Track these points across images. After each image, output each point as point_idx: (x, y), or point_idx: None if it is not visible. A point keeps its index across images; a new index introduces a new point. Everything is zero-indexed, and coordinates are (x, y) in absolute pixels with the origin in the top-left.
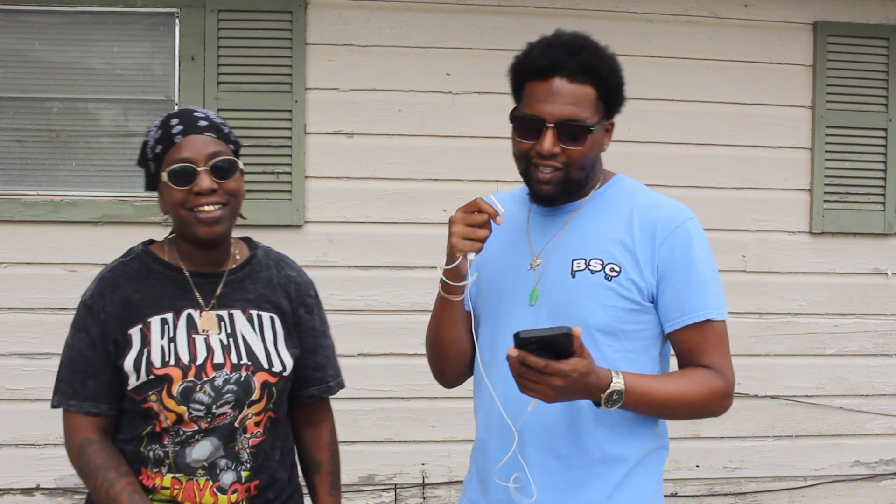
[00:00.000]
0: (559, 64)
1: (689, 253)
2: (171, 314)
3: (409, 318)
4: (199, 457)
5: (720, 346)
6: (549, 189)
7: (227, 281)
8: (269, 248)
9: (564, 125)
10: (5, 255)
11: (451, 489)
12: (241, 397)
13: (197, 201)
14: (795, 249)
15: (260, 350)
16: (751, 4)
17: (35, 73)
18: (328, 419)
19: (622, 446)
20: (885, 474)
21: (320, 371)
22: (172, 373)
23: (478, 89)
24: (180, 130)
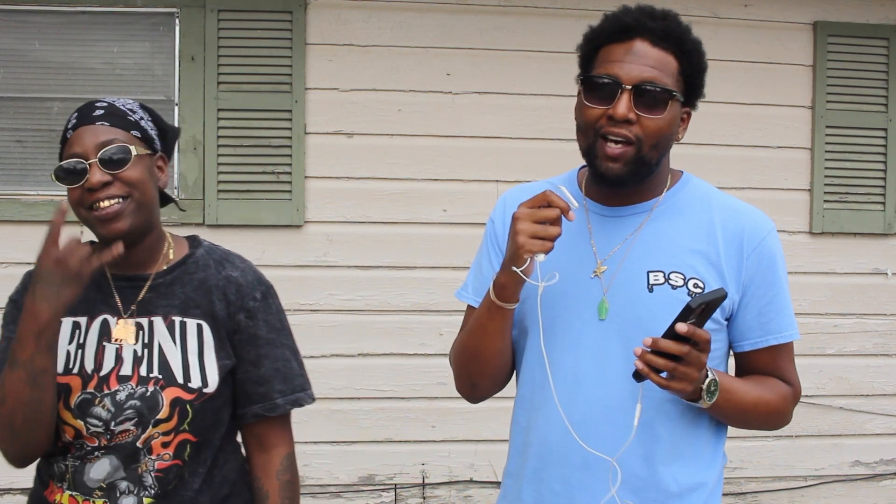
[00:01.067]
0: (642, 24)
1: (775, 268)
2: (86, 318)
3: (409, 318)
4: (97, 476)
5: (792, 361)
6: (618, 168)
7: (152, 285)
8: (216, 246)
9: (643, 89)
10: (5, 255)
11: (451, 489)
12: (145, 414)
13: (91, 198)
14: (795, 249)
15: (177, 362)
16: (751, 4)
17: (35, 73)
18: (281, 443)
19: (699, 474)
20: (885, 474)
21: (264, 385)
22: (72, 382)
23: (478, 89)
24: (74, 124)
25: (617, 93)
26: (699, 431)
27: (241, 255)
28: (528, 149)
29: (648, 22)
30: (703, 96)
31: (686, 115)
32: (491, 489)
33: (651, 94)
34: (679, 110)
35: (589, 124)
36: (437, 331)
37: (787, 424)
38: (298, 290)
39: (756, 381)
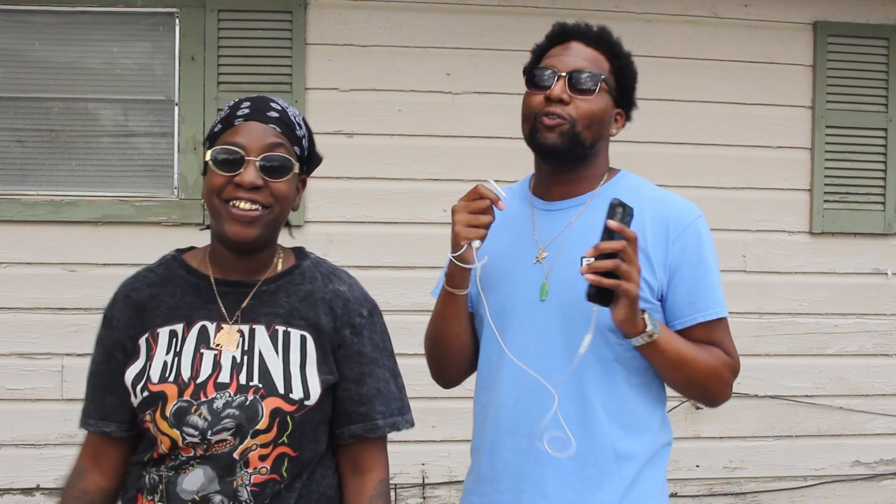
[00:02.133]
0: (577, 30)
1: (700, 251)
2: (183, 325)
3: (409, 318)
4: (190, 487)
5: (729, 336)
6: (553, 138)
7: (257, 292)
8: (323, 259)
9: (575, 74)
10: (5, 255)
11: (451, 489)
12: (244, 424)
13: (235, 193)
14: (795, 249)
15: (278, 372)
16: (751, 4)
17: (35, 73)
18: (377, 467)
19: (634, 443)
20: (885, 474)
21: (365, 405)
22: (168, 390)
23: (478, 89)
24: (245, 114)
25: (554, 80)
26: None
27: (347, 271)
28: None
29: (582, 28)
30: (635, 106)
31: (619, 115)
32: None
33: (582, 78)
34: (611, 104)
35: (531, 109)
36: None
37: (726, 397)
38: None
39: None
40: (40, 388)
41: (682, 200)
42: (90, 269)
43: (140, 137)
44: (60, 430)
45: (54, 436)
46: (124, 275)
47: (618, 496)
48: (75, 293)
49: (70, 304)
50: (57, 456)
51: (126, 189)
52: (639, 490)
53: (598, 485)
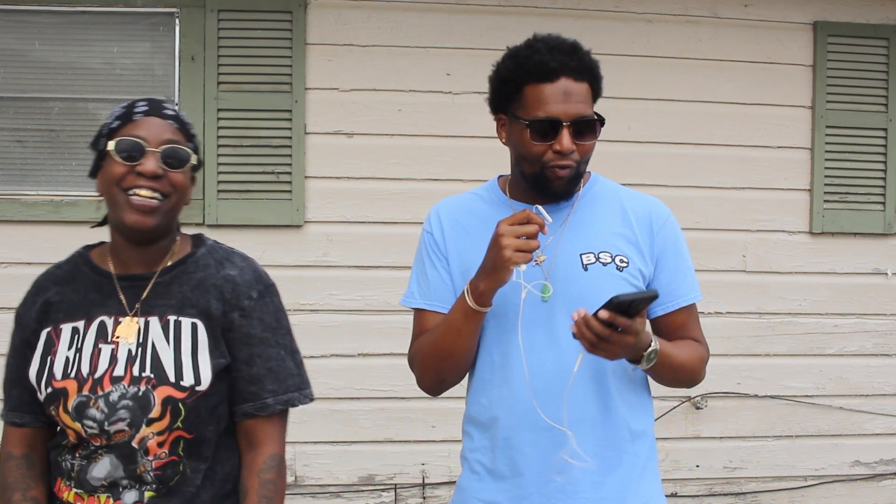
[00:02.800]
0: (565, 65)
1: (678, 241)
2: (83, 321)
3: (409, 318)
4: (98, 475)
5: (698, 322)
6: (567, 185)
7: (154, 283)
8: (220, 245)
9: (579, 123)
10: (5, 255)
11: (451, 489)
12: (137, 414)
13: (136, 182)
14: (795, 249)
15: (169, 361)
16: (751, 4)
17: (35, 73)
18: (268, 441)
19: (641, 421)
20: (885, 474)
21: (255, 385)
22: (69, 386)
23: (478, 89)
24: (144, 111)
25: (559, 130)
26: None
27: (244, 254)
28: None
29: (568, 61)
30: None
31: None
32: None
33: (586, 125)
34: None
35: (535, 157)
36: None
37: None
38: (298, 290)
39: (682, 345)
40: None
41: (653, 198)
42: None
43: None
44: None
45: None
46: None
47: (637, 472)
48: None
49: None
50: None
51: None
52: (651, 467)
53: (618, 463)
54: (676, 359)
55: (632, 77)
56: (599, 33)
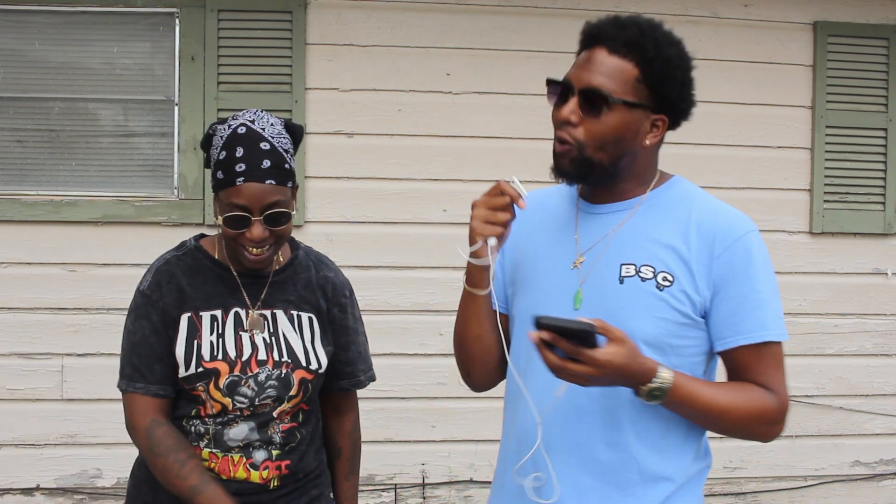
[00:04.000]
0: (603, 33)
1: (748, 268)
2: (221, 311)
3: (409, 318)
4: (236, 437)
5: (776, 367)
6: (565, 164)
7: (270, 282)
8: (310, 248)
9: (586, 94)
10: (5, 255)
11: (451, 489)
12: (282, 392)
13: (247, 244)
14: (795, 249)
15: (299, 349)
16: (751, 4)
17: (35, 73)
18: (353, 410)
19: (667, 465)
20: (885, 474)
21: (351, 366)
22: (220, 367)
23: (478, 89)
24: (242, 171)
25: (566, 98)
26: (668, 425)
27: (327, 257)
28: (528, 149)
29: (610, 31)
30: (686, 104)
31: (659, 122)
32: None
33: (592, 99)
34: (639, 117)
35: (553, 123)
36: (437, 331)
37: (774, 436)
38: None
39: (733, 387)
40: (40, 388)
41: (734, 213)
42: (90, 269)
43: (140, 137)
44: (60, 430)
45: (54, 436)
46: (125, 275)
47: None
48: (75, 293)
49: (70, 304)
50: (57, 456)
51: (126, 189)
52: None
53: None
54: (708, 403)
55: None
56: None
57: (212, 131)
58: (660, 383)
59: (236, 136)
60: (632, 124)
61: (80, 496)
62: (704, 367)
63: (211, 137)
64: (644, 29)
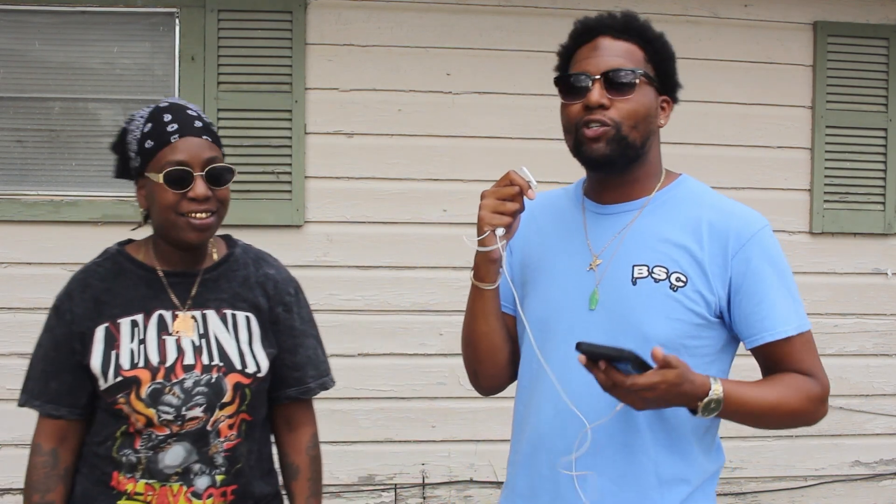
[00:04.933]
0: (603, 23)
1: (764, 265)
2: (142, 315)
3: (409, 318)
4: (172, 462)
5: (809, 353)
6: (602, 147)
7: (202, 280)
8: (250, 245)
9: (611, 75)
10: (5, 255)
11: (451, 489)
12: (212, 399)
13: (190, 207)
14: (795, 249)
15: (233, 350)
16: (751, 4)
17: (35, 73)
18: (309, 423)
19: (683, 468)
20: (885, 474)
21: (299, 371)
22: (141, 375)
23: (478, 89)
24: (176, 129)
25: (589, 85)
26: (685, 428)
27: (270, 254)
28: (528, 149)
29: (608, 20)
30: (679, 86)
31: (665, 103)
32: (491, 489)
33: (619, 78)
34: (654, 95)
35: (571, 121)
36: (437, 331)
37: (822, 416)
38: None
39: (776, 382)
40: None
41: (745, 210)
42: None
43: None
44: None
45: None
46: None
47: None
48: None
49: None
50: None
51: (126, 189)
52: None
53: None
54: (759, 403)
55: None
56: None
57: (125, 124)
58: (714, 396)
59: (159, 109)
60: (652, 101)
61: None
62: (722, 366)
63: (125, 133)
64: (636, 16)
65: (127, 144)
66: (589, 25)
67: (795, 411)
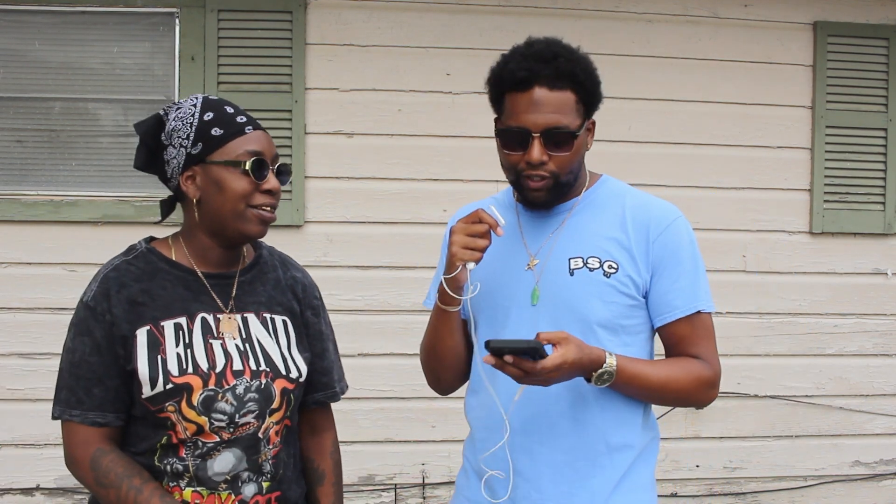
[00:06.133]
0: (537, 73)
1: (679, 250)
2: (185, 318)
3: (409, 318)
4: (222, 469)
5: (707, 337)
6: (542, 195)
7: (238, 282)
8: (271, 247)
9: (550, 133)
10: (5, 255)
11: (451, 489)
12: (263, 406)
13: (263, 200)
14: (795, 249)
15: (277, 355)
16: (751, 4)
17: (35, 73)
18: (331, 427)
19: (627, 435)
20: (885, 474)
21: (327, 376)
22: (192, 381)
23: (478, 89)
24: (246, 122)
25: (528, 140)
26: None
27: (291, 257)
28: None
29: (542, 69)
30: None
31: (591, 125)
32: None
33: (558, 136)
34: (585, 133)
35: (510, 167)
36: None
37: (710, 400)
38: None
39: (670, 363)
40: (40, 388)
41: (662, 203)
42: (90, 269)
43: None
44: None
45: (54, 436)
46: None
47: (610, 486)
48: (75, 293)
49: (70, 304)
50: (57, 456)
51: (126, 189)
52: (630, 481)
53: (590, 476)
54: (649, 379)
55: (632, 77)
56: (599, 33)
57: (163, 112)
58: (607, 367)
59: (214, 100)
60: (582, 142)
61: (80, 496)
62: (652, 343)
63: (161, 121)
64: (563, 54)
65: (173, 132)
66: (523, 76)
67: (683, 390)
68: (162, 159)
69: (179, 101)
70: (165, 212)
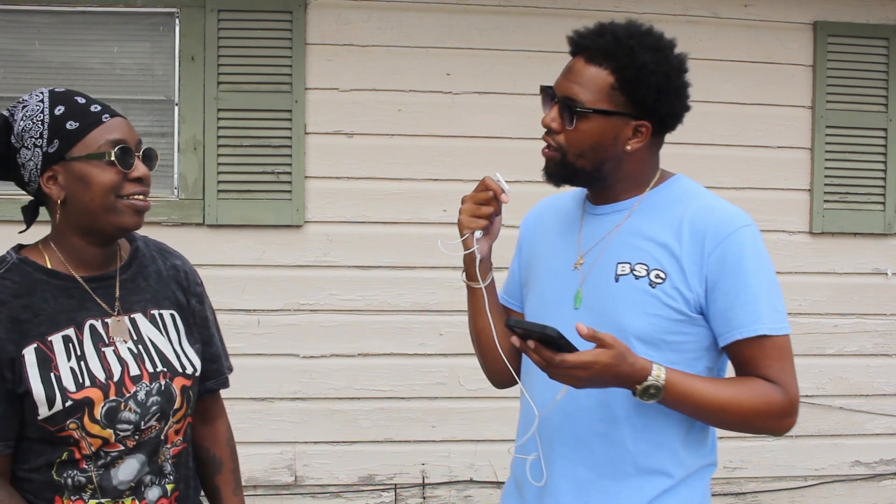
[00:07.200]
0: (581, 43)
1: (740, 263)
2: (73, 329)
3: (409, 318)
4: (127, 477)
5: (781, 359)
6: (549, 167)
7: (120, 281)
8: (146, 237)
9: (563, 102)
10: None
11: (451, 489)
12: (166, 407)
13: (133, 188)
14: (795, 249)
15: (171, 353)
16: (751, 4)
17: (35, 73)
18: (223, 413)
19: (662, 461)
20: (885, 474)
21: (216, 363)
22: (92, 394)
23: (478, 89)
24: (100, 110)
25: (549, 104)
26: (667, 421)
27: (166, 244)
28: (528, 149)
29: (588, 41)
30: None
31: (642, 128)
32: (491, 489)
33: (567, 108)
34: (616, 124)
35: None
36: (437, 331)
37: (786, 429)
38: (298, 290)
39: (734, 382)
40: None
41: (728, 210)
42: None
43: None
44: None
45: None
46: None
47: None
48: None
49: None
50: None
51: None
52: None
53: (616, 498)
54: (705, 398)
55: None
56: None
57: (8, 114)
58: (653, 381)
59: (61, 92)
60: (608, 131)
61: None
62: (707, 363)
63: (8, 123)
64: (620, 36)
65: (24, 132)
66: (573, 41)
67: (748, 415)
68: (16, 163)
69: (24, 97)
70: (29, 219)
